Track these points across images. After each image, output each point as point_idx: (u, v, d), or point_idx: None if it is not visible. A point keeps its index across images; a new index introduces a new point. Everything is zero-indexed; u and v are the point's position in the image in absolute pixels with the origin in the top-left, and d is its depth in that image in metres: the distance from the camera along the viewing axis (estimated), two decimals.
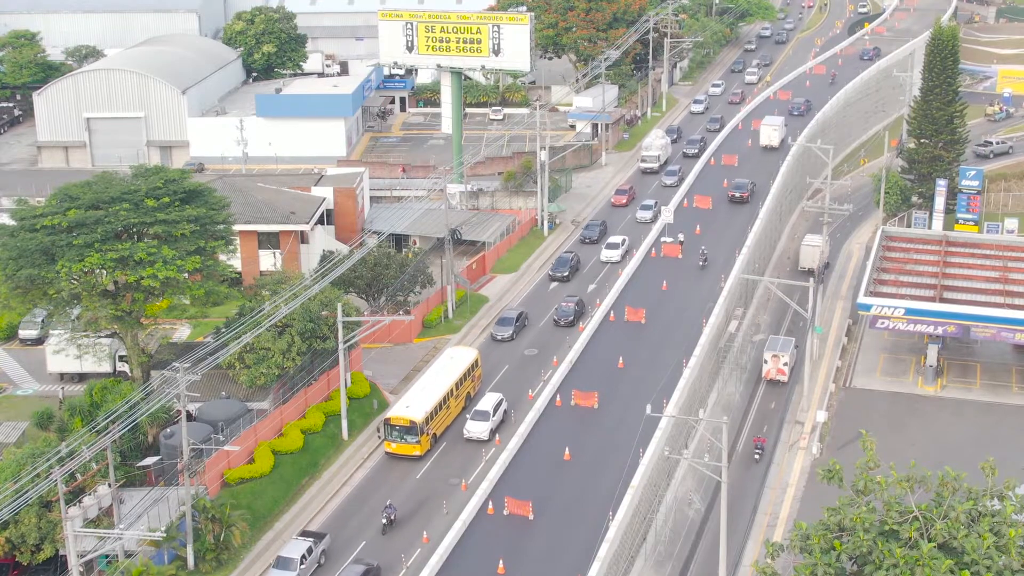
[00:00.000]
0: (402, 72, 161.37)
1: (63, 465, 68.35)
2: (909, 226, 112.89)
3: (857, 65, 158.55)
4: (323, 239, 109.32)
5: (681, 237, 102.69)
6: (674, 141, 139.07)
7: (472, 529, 65.56)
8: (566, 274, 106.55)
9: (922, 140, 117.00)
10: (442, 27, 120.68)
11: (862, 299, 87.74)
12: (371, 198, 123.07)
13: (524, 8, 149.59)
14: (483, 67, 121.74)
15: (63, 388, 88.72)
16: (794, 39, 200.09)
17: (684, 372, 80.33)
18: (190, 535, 67.44)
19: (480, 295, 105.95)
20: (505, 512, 67.01)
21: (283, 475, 77.32)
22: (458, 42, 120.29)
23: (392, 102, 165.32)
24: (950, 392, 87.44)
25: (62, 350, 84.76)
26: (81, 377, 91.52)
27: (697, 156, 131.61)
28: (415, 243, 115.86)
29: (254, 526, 72.24)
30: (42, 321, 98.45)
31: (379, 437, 79.70)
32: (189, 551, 68.29)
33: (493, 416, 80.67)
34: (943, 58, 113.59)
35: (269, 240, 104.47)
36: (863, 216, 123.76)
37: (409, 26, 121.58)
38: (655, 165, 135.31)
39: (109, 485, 67.27)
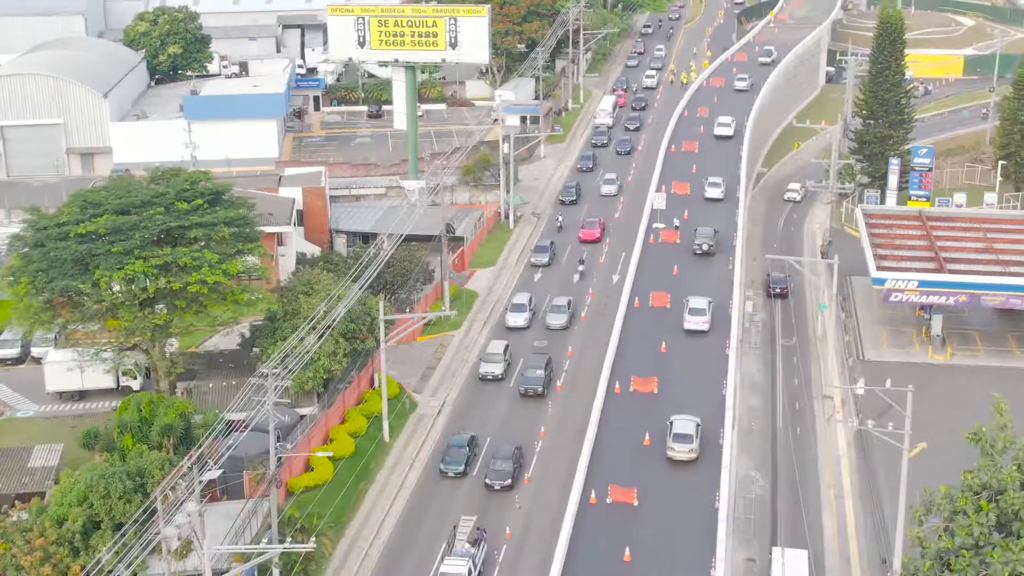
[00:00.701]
0: (335, 68, 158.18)
1: (139, 483, 65.22)
2: (857, 202, 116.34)
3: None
4: (296, 241, 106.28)
5: (677, 222, 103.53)
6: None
7: (581, 520, 64.77)
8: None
9: (869, 121, 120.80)
10: (396, 21, 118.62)
11: (876, 274, 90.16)
12: (330, 197, 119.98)
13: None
14: (443, 60, 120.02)
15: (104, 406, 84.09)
16: (681, 30, 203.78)
17: (729, 355, 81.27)
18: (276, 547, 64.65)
19: (469, 290, 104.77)
20: (608, 500, 66.46)
21: (342, 481, 74.99)
22: (413, 36, 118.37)
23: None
24: (959, 360, 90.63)
25: (79, 366, 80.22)
26: (81, 395, 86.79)
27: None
28: (382, 241, 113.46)
29: (323, 533, 69.87)
30: (21, 338, 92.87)
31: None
32: (276, 564, 65.51)
33: None
34: (891, 41, 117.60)
35: None
36: (813, 197, 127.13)
37: (361, 21, 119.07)
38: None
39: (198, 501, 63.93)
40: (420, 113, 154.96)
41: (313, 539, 63.59)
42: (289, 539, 66.48)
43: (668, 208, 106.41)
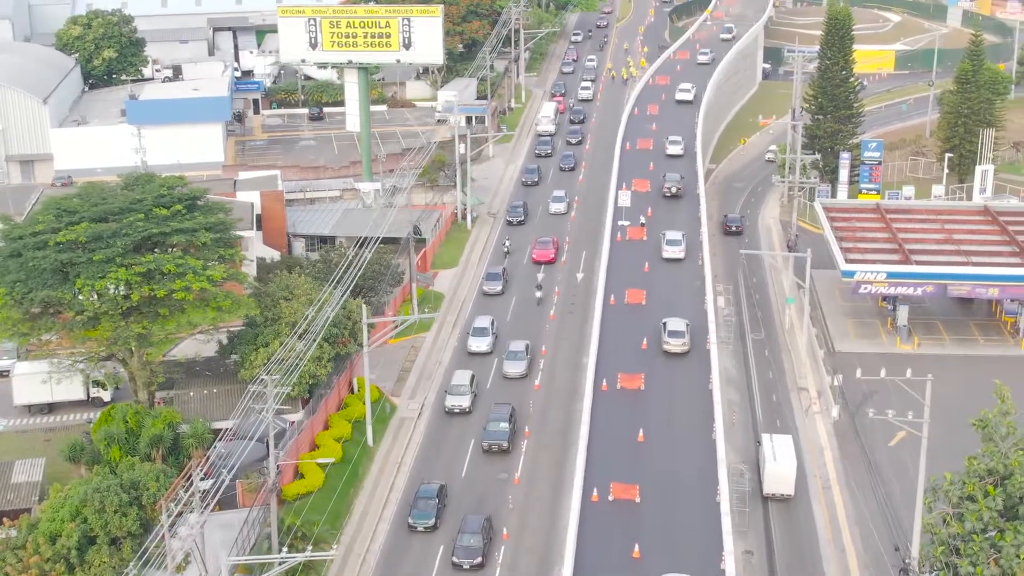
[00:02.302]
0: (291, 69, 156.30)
1: (135, 496, 63.98)
2: (812, 199, 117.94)
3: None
4: (257, 245, 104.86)
5: (643, 219, 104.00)
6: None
7: (585, 518, 64.74)
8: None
9: (817, 116, 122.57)
10: (348, 22, 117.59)
11: (845, 267, 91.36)
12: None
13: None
14: (398, 61, 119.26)
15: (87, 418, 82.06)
16: (613, 30, 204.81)
17: (711, 349, 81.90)
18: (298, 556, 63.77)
19: (435, 291, 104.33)
20: (610, 498, 66.55)
21: (333, 487, 74.18)
22: (366, 37, 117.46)
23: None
24: (926, 349, 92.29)
25: (53, 379, 78.32)
26: (50, 408, 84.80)
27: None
28: (341, 244, 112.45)
29: (323, 540, 69.02)
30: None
31: None
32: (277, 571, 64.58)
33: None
34: (840, 38, 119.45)
35: None
36: (763, 192, 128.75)
37: (312, 22, 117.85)
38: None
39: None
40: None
41: (334, 547, 62.73)
42: (286, 548, 65.83)
43: (632, 206, 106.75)
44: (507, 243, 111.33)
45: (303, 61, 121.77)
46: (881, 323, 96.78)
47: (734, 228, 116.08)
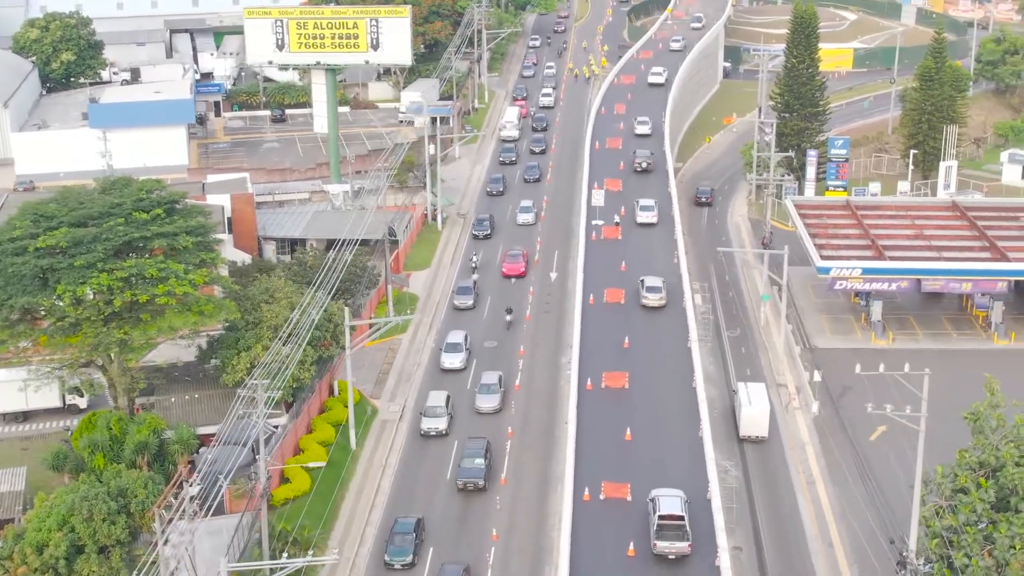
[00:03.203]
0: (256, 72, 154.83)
1: (123, 504, 63.19)
2: (780, 197, 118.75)
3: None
4: (228, 249, 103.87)
5: (617, 219, 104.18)
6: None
7: (578, 518, 64.70)
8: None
9: (784, 115, 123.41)
10: (315, 23, 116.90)
11: (821, 263, 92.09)
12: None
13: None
14: (366, 62, 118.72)
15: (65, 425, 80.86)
16: (572, 29, 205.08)
17: (693, 347, 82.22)
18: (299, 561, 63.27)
19: (409, 293, 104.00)
20: (602, 497, 66.61)
21: (320, 491, 73.72)
22: (333, 38, 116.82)
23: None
24: (901, 344, 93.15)
25: (30, 386, 77.11)
26: (25, 416, 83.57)
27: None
28: (312, 246, 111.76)
29: (316, 545, 68.57)
30: None
31: None
32: None
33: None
34: (806, 36, 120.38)
35: None
36: (731, 190, 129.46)
37: (279, 24, 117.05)
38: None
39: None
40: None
41: (335, 551, 62.30)
42: (286, 554, 65.28)
43: (605, 205, 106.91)
44: (475, 258, 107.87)
45: (270, 63, 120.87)
46: (855, 319, 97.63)
47: (704, 199, 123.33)
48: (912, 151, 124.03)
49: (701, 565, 61.29)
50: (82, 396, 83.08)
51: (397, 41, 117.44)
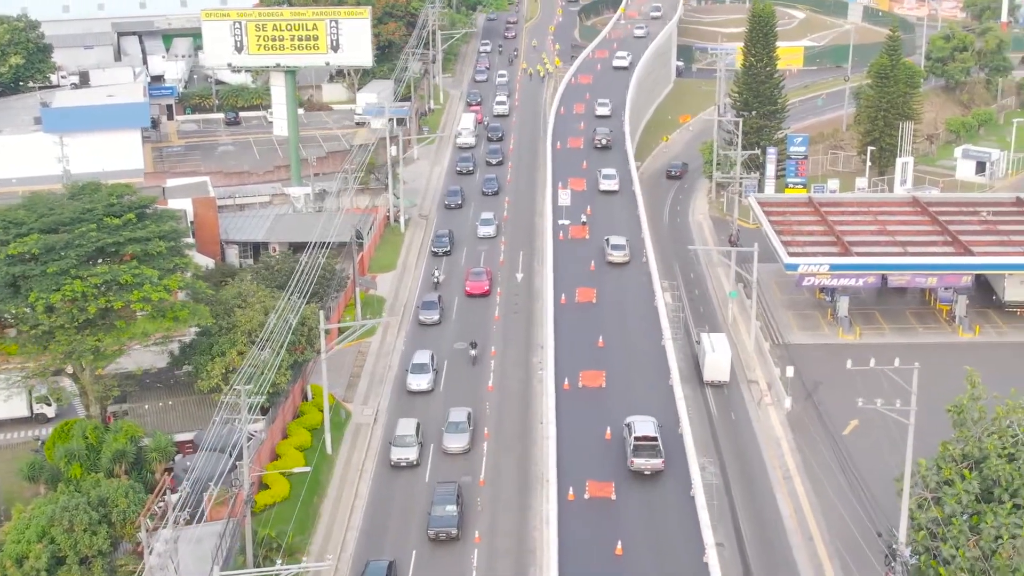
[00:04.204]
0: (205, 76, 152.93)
1: (104, 514, 62.29)
2: (741, 195, 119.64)
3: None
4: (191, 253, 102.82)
5: (584, 218, 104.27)
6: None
7: (564, 518, 64.62)
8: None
9: (742, 113, 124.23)
10: (274, 25, 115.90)
11: (788, 260, 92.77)
12: None
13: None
14: (327, 64, 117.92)
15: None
16: (522, 35, 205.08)
17: (667, 345, 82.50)
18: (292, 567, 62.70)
19: (376, 295, 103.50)
20: (586, 496, 66.64)
21: (298, 496, 73.09)
22: (293, 40, 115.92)
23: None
24: (868, 339, 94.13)
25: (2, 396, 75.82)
26: None
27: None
28: (275, 250, 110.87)
29: (299, 551, 68.04)
30: None
31: None
32: None
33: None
34: (764, 35, 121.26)
35: None
36: (690, 189, 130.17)
37: (237, 25, 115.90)
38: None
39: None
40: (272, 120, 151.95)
41: (329, 557, 61.73)
42: (281, 560, 64.73)
43: (571, 205, 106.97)
44: (436, 273, 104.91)
45: (229, 65, 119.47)
46: (821, 315, 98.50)
47: (675, 173, 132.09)
48: (869, 148, 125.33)
49: (688, 560, 61.49)
50: (50, 405, 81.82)
51: (357, 42, 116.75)
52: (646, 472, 68.39)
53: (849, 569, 66.81)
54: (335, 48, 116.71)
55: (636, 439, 68.95)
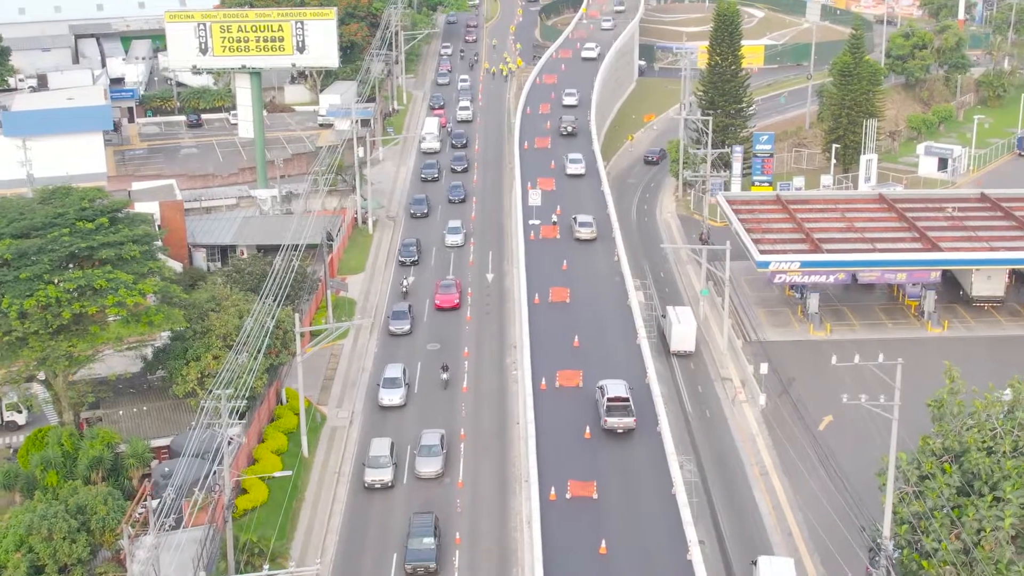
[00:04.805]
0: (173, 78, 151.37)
1: (83, 521, 61.61)
2: (707, 193, 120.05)
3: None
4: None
5: (555, 218, 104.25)
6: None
7: (546, 518, 64.56)
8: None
9: (707, 112, 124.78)
10: (239, 26, 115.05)
11: (760, 257, 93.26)
12: None
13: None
14: (293, 65, 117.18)
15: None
16: (483, 29, 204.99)
17: (642, 344, 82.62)
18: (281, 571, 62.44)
19: (347, 297, 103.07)
20: (568, 496, 66.61)
21: (277, 501, 72.66)
22: (258, 41, 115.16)
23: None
24: (839, 335, 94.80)
25: None
26: None
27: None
28: (243, 253, 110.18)
29: (281, 555, 67.64)
30: None
31: None
32: None
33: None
34: (729, 34, 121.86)
35: None
36: (657, 187, 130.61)
37: (202, 27, 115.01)
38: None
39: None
40: (236, 121, 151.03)
41: (318, 563, 61.32)
42: (267, 565, 64.39)
43: (542, 205, 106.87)
44: (404, 282, 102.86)
45: (194, 67, 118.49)
46: (791, 312, 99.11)
47: (652, 159, 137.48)
48: (834, 145, 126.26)
49: (672, 560, 61.62)
50: (21, 412, 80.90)
51: (323, 43, 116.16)
52: (619, 431, 72.19)
53: (830, 564, 67.33)
54: (301, 49, 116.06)
55: (609, 400, 72.65)
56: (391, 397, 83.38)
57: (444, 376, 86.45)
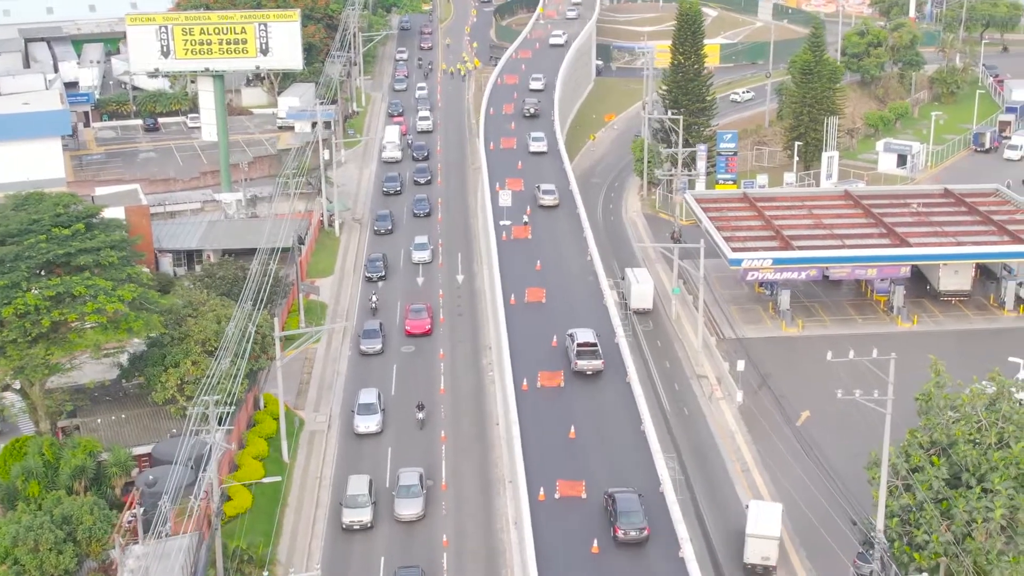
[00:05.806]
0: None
1: (68, 532, 60.78)
2: (671, 191, 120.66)
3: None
4: None
5: (526, 218, 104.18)
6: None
7: (536, 518, 64.47)
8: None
9: (671, 111, 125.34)
10: (202, 29, 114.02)
11: (732, 255, 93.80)
12: None
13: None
14: (257, 68, 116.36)
15: None
16: (438, 29, 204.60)
17: (620, 343, 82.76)
18: None
19: (318, 301, 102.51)
20: (557, 496, 66.61)
21: (261, 507, 72.14)
22: (221, 43, 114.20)
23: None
24: (811, 331, 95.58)
25: None
26: None
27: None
28: (209, 257, 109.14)
29: (271, 561, 67.12)
30: None
31: None
32: None
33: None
34: (692, 33, 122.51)
35: None
36: (621, 186, 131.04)
37: (164, 30, 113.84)
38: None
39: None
40: (199, 125, 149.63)
41: (317, 567, 60.83)
42: (266, 571, 63.91)
43: (512, 205, 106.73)
44: (373, 298, 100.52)
45: (156, 70, 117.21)
46: (763, 309, 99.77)
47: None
48: (796, 143, 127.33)
49: (663, 555, 61.83)
50: None
51: (287, 45, 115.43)
52: (588, 372, 78.16)
53: (815, 557, 67.94)
54: (264, 51, 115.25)
55: (579, 345, 78.85)
56: (367, 424, 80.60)
57: (420, 416, 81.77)
